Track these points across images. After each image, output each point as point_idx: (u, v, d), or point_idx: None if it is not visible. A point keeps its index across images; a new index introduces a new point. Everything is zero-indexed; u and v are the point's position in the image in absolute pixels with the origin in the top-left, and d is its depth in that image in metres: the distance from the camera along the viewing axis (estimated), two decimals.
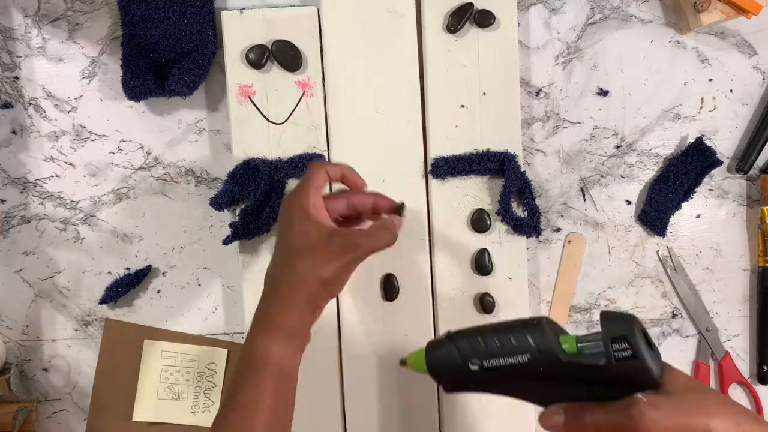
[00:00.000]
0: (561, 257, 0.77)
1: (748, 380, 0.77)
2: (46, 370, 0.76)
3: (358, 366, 0.73)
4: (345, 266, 0.55)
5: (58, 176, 0.75)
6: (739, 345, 0.78)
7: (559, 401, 0.48)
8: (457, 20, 0.71)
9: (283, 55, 0.71)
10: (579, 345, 0.47)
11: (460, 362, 0.49)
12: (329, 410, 0.73)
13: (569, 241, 0.76)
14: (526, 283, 0.73)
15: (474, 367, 0.49)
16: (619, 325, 0.46)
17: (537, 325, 0.48)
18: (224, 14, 0.71)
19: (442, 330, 0.72)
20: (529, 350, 0.47)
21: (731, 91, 0.77)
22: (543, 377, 0.47)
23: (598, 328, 0.47)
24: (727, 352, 0.77)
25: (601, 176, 0.77)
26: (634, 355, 0.45)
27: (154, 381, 0.75)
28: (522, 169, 0.72)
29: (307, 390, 0.73)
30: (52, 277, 0.75)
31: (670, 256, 0.77)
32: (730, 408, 0.45)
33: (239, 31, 0.71)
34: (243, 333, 0.73)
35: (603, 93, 0.76)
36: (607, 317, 0.47)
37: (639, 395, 0.45)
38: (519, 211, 0.72)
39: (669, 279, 0.77)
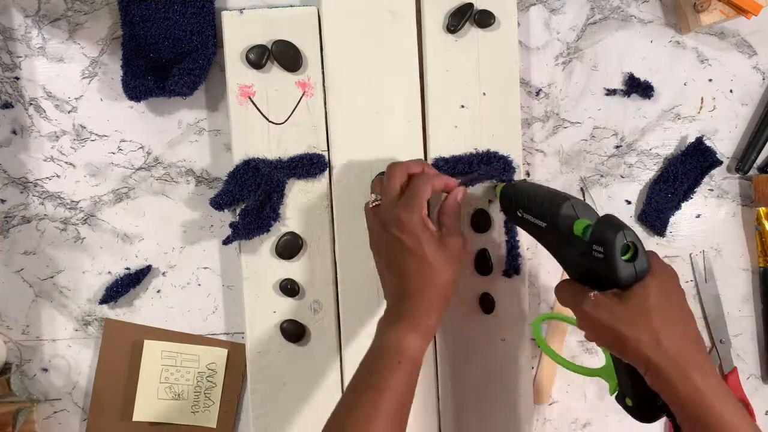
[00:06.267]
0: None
1: (749, 398, 0.77)
2: (46, 370, 0.76)
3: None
4: (461, 265, 0.66)
5: (58, 176, 0.75)
6: (739, 345, 0.78)
7: (562, 261, 0.61)
8: (457, 20, 0.71)
9: (283, 55, 0.71)
10: (584, 232, 0.57)
11: (513, 205, 0.65)
12: (330, 410, 0.73)
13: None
14: (526, 283, 0.73)
15: (518, 214, 0.65)
16: (608, 231, 0.55)
17: (563, 202, 0.59)
18: (224, 14, 0.71)
19: (442, 330, 0.73)
20: (546, 219, 0.61)
21: (731, 91, 0.77)
22: (553, 240, 0.61)
23: None
24: (736, 367, 0.76)
25: (601, 176, 0.77)
26: (605, 259, 0.55)
27: (154, 381, 0.75)
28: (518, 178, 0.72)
29: (309, 390, 0.73)
30: (52, 277, 0.75)
31: (704, 263, 0.77)
32: (657, 326, 0.54)
33: (239, 31, 0.71)
34: (243, 333, 0.73)
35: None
36: (604, 221, 0.56)
37: (593, 292, 0.56)
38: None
39: (695, 285, 0.77)
